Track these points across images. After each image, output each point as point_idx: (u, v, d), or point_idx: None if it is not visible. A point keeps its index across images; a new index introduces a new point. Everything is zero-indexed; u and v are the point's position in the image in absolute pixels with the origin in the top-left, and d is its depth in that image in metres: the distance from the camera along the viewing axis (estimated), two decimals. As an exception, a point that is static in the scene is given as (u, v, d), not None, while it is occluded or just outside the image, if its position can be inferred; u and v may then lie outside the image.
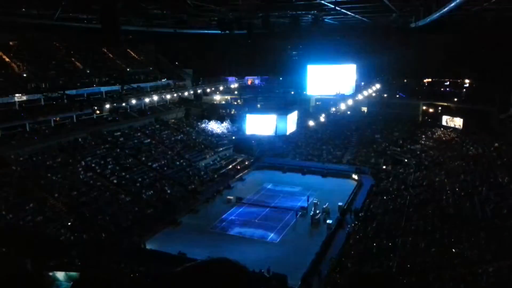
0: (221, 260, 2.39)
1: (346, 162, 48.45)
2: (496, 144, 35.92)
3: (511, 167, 30.50)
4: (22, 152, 34.90)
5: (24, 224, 27.98)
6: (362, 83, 55.25)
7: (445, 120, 47.61)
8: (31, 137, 37.05)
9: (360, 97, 52.34)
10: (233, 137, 53.58)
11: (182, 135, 50.62)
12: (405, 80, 53.66)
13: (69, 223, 29.62)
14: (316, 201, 35.36)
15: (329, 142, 52.60)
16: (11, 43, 42.04)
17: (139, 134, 46.08)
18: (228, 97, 65.56)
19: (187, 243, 29.07)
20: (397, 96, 54.62)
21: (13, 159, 33.86)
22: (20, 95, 37.89)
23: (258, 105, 60.77)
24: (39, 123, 38.36)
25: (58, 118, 40.12)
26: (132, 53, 55.98)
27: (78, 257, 25.66)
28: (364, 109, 57.85)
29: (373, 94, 53.95)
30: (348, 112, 55.74)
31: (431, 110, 51.87)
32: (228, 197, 39.11)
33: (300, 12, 30.43)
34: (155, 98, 50.81)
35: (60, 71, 43.14)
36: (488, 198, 27.38)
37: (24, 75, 40.00)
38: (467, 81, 46.95)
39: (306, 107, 58.80)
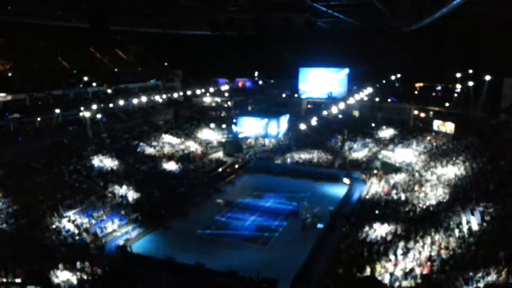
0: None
1: (337, 166, 48.18)
2: (487, 150, 35.91)
3: (501, 172, 30.42)
4: (5, 153, 34.03)
5: (8, 227, 27.25)
6: (354, 87, 55.29)
7: (437, 125, 47.62)
8: (15, 137, 36.17)
9: (352, 100, 52.37)
10: (223, 140, 53.15)
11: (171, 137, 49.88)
12: (397, 84, 53.72)
13: (53, 226, 28.84)
14: (307, 206, 34.96)
15: (320, 146, 52.30)
16: (-5, 42, 41.26)
17: (126, 135, 45.31)
18: (219, 99, 65.01)
19: (175, 247, 28.49)
20: (389, 100, 54.61)
21: (-4, 160, 33.01)
22: (4, 94, 37.05)
23: (249, 108, 60.43)
24: (23, 123, 37.50)
25: (43, 119, 39.23)
26: (120, 53, 55.25)
27: (63, 261, 25.05)
28: (356, 113, 57.75)
29: (365, 98, 53.89)
30: (340, 116, 55.71)
31: (422, 114, 51.89)
32: (218, 200, 38.51)
33: (292, 15, 30.19)
34: (144, 99, 50.10)
35: (46, 70, 42.28)
36: (478, 203, 27.19)
37: (9, 74, 39.13)
38: (458, 86, 47.10)
39: (297, 110, 58.64)
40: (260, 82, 66.87)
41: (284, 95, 61.71)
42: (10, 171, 32.64)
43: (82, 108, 38.48)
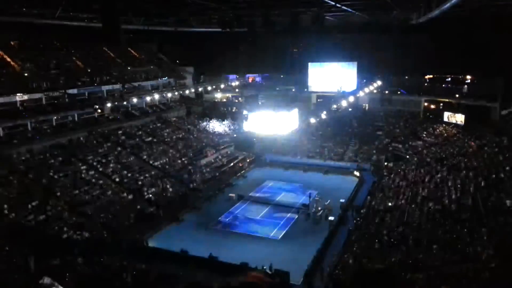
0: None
1: (347, 159, 48.43)
2: (498, 140, 35.85)
3: (512, 163, 30.40)
4: (24, 151, 35.01)
5: (26, 223, 28.08)
6: (364, 80, 55.22)
7: (447, 116, 47.55)
8: (33, 136, 37.13)
9: (361, 93, 52.43)
10: (235, 135, 53.69)
11: (183, 133, 50.67)
12: (406, 77, 53.61)
13: (71, 222, 29.68)
14: (317, 198, 35.40)
15: (330, 139, 52.57)
16: (12, 42, 42.13)
17: (140, 132, 46.14)
18: (229, 95, 65.52)
19: (189, 241, 29.17)
20: (399, 92, 54.56)
21: (15, 158, 33.96)
22: (21, 94, 37.95)
23: (259, 103, 60.76)
24: (40, 122, 38.44)
25: (59, 117, 40.17)
26: (133, 51, 56.00)
27: (80, 256, 25.82)
28: (366, 105, 57.81)
29: (374, 91, 53.91)
30: (350, 109, 55.81)
31: (432, 106, 51.81)
32: (230, 194, 39.18)
33: (300, 10, 30.39)
34: (156, 96, 50.84)
35: (61, 70, 43.15)
36: (489, 194, 27.29)
37: (25, 74, 40.04)
38: (468, 77, 46.89)
39: (307, 105, 58.84)
40: (270, 77, 67.12)
41: (293, 90, 61.96)
42: (29, 168, 33.58)
43: (96, 107, 39.19)
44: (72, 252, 26.38)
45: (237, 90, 65.03)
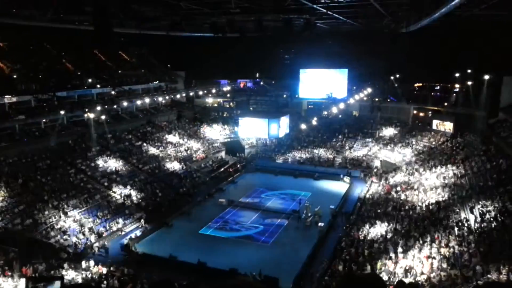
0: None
1: (337, 165, 48.64)
2: (485, 148, 36.32)
3: (499, 170, 30.83)
4: (11, 154, 34.56)
5: (14, 227, 27.71)
6: (354, 87, 55.68)
7: (436, 124, 48.03)
8: (21, 138, 36.70)
9: (351, 100, 52.85)
10: (225, 140, 53.66)
11: (173, 138, 50.41)
12: (396, 85, 54.14)
13: (58, 226, 29.34)
14: (307, 204, 35.43)
15: (321, 145, 52.77)
16: (1, 44, 41.71)
17: (130, 136, 45.83)
18: (221, 100, 65.52)
19: (178, 246, 29.03)
20: (388, 100, 55.07)
21: (2, 161, 33.52)
22: (10, 96, 37.54)
23: (251, 108, 60.89)
24: (29, 124, 38.03)
25: (48, 120, 39.76)
26: (124, 55, 55.79)
27: (67, 260, 25.52)
28: (356, 113, 58.24)
29: (365, 98, 54.34)
30: (340, 116, 56.26)
31: (421, 114, 52.39)
32: (220, 199, 39.04)
33: (292, 16, 30.55)
34: (147, 100, 50.65)
35: (50, 72, 42.78)
36: (477, 201, 27.59)
37: (14, 76, 39.63)
38: (457, 85, 47.50)
39: (298, 111, 59.16)
40: (262, 83, 67.36)
41: (284, 96, 62.25)
42: (16, 171, 33.15)
43: (86, 109, 38.90)
44: (59, 257, 26.10)
45: (228, 95, 65.06)
